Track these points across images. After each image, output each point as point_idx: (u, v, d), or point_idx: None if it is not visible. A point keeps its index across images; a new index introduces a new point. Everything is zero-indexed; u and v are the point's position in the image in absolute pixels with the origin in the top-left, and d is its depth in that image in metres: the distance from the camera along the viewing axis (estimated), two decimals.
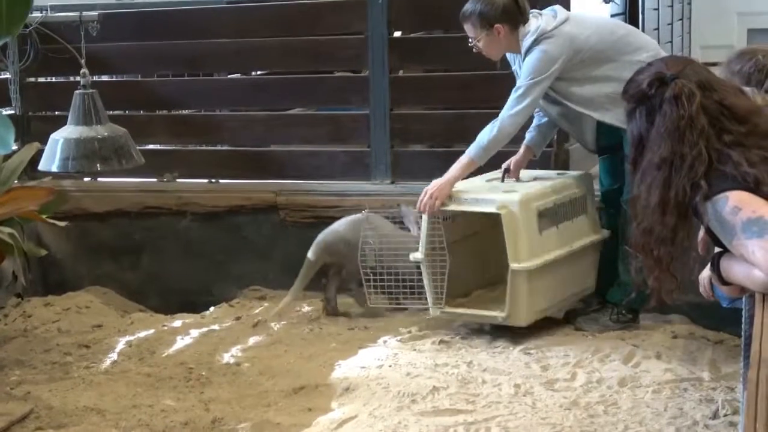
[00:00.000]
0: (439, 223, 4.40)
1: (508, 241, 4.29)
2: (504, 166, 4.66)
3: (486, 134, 4.37)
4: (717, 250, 2.64)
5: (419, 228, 4.55)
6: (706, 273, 2.84)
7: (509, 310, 4.34)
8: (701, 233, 2.75)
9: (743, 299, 2.64)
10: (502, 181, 4.61)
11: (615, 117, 4.31)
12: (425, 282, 4.45)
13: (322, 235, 5.00)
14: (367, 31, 5.40)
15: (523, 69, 4.35)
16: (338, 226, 4.99)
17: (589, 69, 4.37)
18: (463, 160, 4.41)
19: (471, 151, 4.39)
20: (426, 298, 4.50)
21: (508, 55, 4.57)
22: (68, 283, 5.69)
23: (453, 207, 4.39)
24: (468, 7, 4.42)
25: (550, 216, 4.40)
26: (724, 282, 2.49)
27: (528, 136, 4.67)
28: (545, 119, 4.64)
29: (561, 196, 4.49)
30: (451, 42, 5.42)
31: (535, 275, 4.32)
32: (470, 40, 4.46)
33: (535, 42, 4.32)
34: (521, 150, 4.66)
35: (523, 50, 4.36)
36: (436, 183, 4.41)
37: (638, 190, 2.60)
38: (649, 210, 2.54)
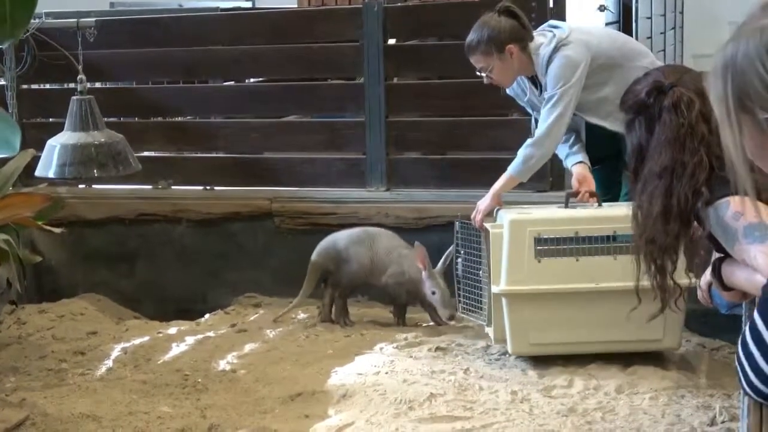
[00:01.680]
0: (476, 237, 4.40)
1: (492, 261, 4.20)
2: (567, 192, 4.43)
3: (523, 150, 4.30)
4: (715, 255, 2.64)
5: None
6: (704, 279, 2.84)
7: (495, 334, 4.28)
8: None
9: (743, 305, 2.64)
10: (566, 206, 4.27)
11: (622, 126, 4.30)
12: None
13: (324, 239, 5.05)
14: (363, 38, 5.40)
15: (549, 79, 4.26)
16: (339, 233, 5.03)
17: (600, 75, 4.33)
18: (504, 176, 4.36)
19: (511, 167, 4.34)
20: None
21: (515, 88, 4.49)
22: (63, 290, 5.68)
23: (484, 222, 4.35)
24: (473, 37, 4.30)
25: (564, 245, 4.08)
26: (726, 287, 2.49)
27: (570, 155, 4.48)
28: (572, 136, 4.49)
29: (594, 227, 4.09)
30: (446, 50, 5.44)
31: (523, 304, 4.12)
32: (479, 71, 4.35)
33: (555, 50, 4.25)
34: (575, 170, 4.43)
35: (542, 62, 4.27)
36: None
37: (640, 200, 2.59)
38: (651, 219, 2.54)
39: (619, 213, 4.09)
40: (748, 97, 1.58)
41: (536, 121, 4.46)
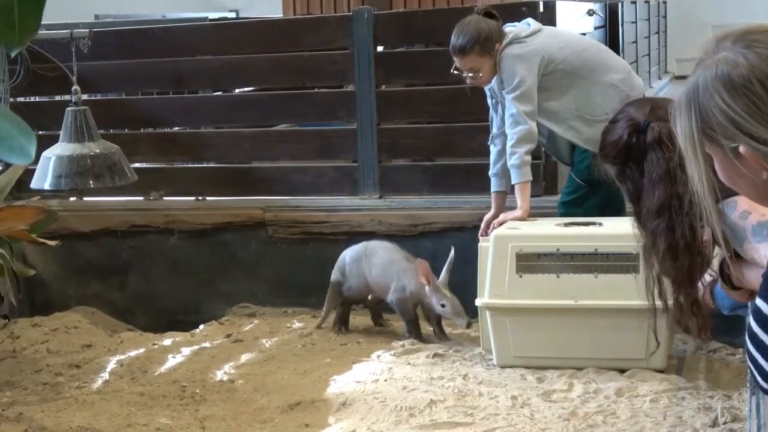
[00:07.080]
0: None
1: (479, 274, 4.30)
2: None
3: (508, 157, 4.37)
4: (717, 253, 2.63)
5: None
6: (706, 279, 2.83)
7: (484, 344, 4.37)
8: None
9: (749, 305, 2.63)
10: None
11: (577, 136, 4.34)
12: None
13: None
14: (353, 46, 5.39)
15: (504, 78, 4.35)
16: (349, 249, 4.98)
17: (558, 81, 4.37)
18: (516, 190, 4.40)
19: (512, 179, 4.39)
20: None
21: None
22: (55, 303, 5.63)
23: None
24: (463, 40, 4.30)
25: (545, 261, 4.14)
26: (734, 287, 2.48)
27: (493, 181, 4.57)
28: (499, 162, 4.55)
29: (576, 245, 4.13)
30: (436, 56, 5.44)
31: (504, 317, 4.18)
32: (466, 71, 4.37)
33: (508, 43, 4.33)
34: (493, 202, 4.56)
35: (497, 56, 4.36)
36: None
37: (646, 241, 2.58)
38: (660, 257, 2.52)
39: (603, 231, 4.17)
40: (712, 128, 1.63)
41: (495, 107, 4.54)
